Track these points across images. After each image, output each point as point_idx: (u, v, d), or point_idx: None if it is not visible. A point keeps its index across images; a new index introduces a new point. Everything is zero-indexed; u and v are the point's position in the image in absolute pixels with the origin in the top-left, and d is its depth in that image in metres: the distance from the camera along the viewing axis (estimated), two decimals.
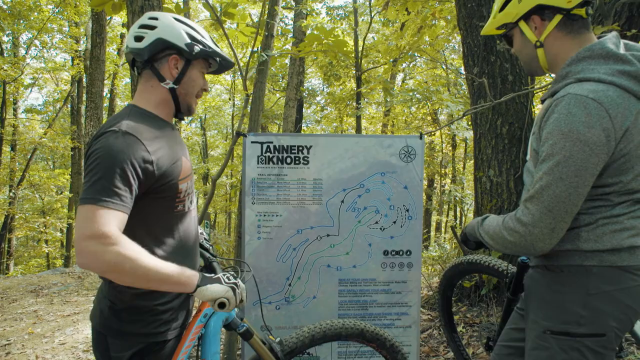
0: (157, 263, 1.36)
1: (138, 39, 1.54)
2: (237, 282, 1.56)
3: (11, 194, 15.98)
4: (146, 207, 1.46)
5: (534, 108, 4.82)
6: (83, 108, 15.48)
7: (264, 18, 3.30)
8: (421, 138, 2.69)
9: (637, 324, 1.90)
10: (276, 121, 17.58)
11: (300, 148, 2.64)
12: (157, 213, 1.51)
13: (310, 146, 2.64)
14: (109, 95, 16.58)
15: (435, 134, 15.57)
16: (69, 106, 18.02)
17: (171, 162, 1.50)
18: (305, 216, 2.65)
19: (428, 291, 5.03)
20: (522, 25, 1.52)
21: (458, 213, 19.40)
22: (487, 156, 4.17)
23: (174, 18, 1.59)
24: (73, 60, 16.17)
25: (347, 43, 4.10)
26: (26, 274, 11.17)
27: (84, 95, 14.93)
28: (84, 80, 15.32)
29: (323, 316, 2.63)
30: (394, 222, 2.68)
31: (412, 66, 15.15)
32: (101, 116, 11.42)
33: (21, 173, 16.43)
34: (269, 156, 2.63)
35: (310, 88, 17.88)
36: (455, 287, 2.95)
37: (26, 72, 16.45)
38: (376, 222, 2.67)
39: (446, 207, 19.91)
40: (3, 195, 18.05)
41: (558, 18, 1.44)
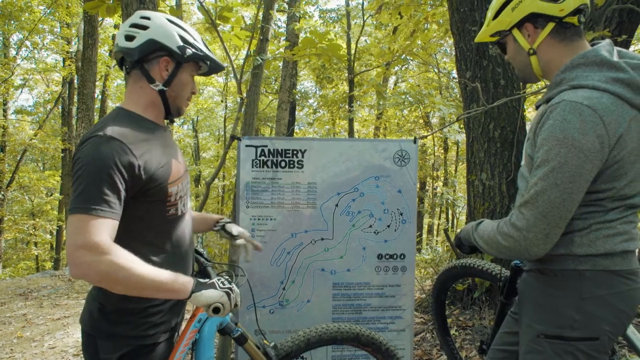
0: (151, 271, 1.35)
1: (129, 38, 1.52)
2: (232, 287, 1.55)
3: (0, 196, 15.80)
4: (136, 212, 1.45)
5: (526, 112, 4.86)
6: (74, 109, 15.36)
7: (259, 20, 3.30)
8: (415, 142, 2.70)
9: (630, 328, 1.92)
10: (269, 124, 17.58)
11: (294, 152, 2.64)
12: (148, 218, 1.50)
13: (304, 150, 2.64)
14: (101, 96, 16.47)
15: (427, 137, 15.64)
16: (60, 107, 17.86)
17: (159, 166, 1.48)
18: (299, 220, 2.65)
19: (421, 294, 5.04)
20: (516, 32, 1.54)
21: (450, 216, 19.48)
22: (480, 159, 4.20)
23: (167, 19, 1.57)
24: (64, 61, 16.05)
25: (341, 46, 4.11)
26: (15, 277, 11.04)
27: (75, 96, 14.82)
28: (75, 81, 15.21)
29: (317, 320, 2.63)
30: (388, 226, 2.68)
31: (405, 69, 15.22)
32: (92, 118, 11.36)
33: (10, 175, 16.25)
34: (264, 160, 2.63)
35: (302, 91, 17.90)
36: (448, 291, 2.96)
37: (17, 73, 16.32)
38: (370, 226, 2.68)
39: (438, 210, 19.98)
40: None
41: (551, 26, 1.46)
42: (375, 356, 2.14)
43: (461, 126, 6.89)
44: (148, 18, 1.54)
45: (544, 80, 1.61)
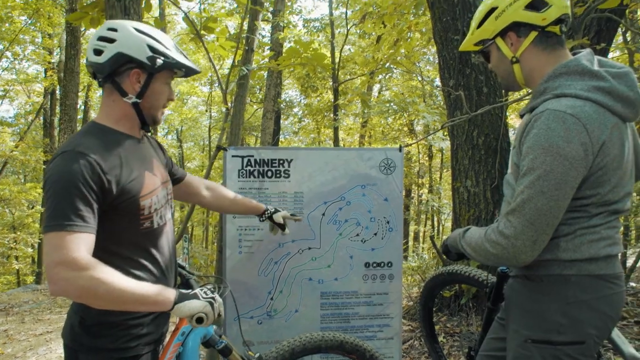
0: (132, 284, 1.34)
1: (97, 52, 1.48)
2: (215, 297, 1.54)
3: None
4: (111, 226, 1.44)
5: (508, 119, 4.93)
6: (56, 120, 15.14)
7: (244, 30, 3.30)
8: (400, 150, 2.72)
9: (614, 331, 1.94)
10: (254, 133, 17.55)
11: (280, 161, 2.64)
12: (121, 232, 1.48)
13: (290, 159, 2.64)
14: (84, 107, 16.30)
15: (412, 145, 15.75)
16: (42, 118, 17.61)
17: (129, 179, 1.46)
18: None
19: (408, 302, 5.05)
20: (499, 41, 1.57)
21: (436, 223, 19.58)
22: (464, 167, 4.24)
23: (135, 28, 1.51)
24: (46, 72, 15.86)
25: (326, 55, 4.13)
26: None
27: (57, 107, 14.63)
28: (58, 92, 15.03)
29: (305, 330, 2.61)
30: (375, 234, 2.69)
31: (389, 78, 15.34)
32: (75, 128, 11.22)
33: None
34: (250, 170, 2.62)
35: (287, 100, 17.91)
36: (435, 298, 2.97)
37: None
38: (357, 235, 2.68)
39: (424, 217, 20.08)
40: None
41: (533, 35, 1.49)
42: None
43: (445, 133, 6.96)
44: (115, 30, 1.49)
45: (527, 88, 1.63)
